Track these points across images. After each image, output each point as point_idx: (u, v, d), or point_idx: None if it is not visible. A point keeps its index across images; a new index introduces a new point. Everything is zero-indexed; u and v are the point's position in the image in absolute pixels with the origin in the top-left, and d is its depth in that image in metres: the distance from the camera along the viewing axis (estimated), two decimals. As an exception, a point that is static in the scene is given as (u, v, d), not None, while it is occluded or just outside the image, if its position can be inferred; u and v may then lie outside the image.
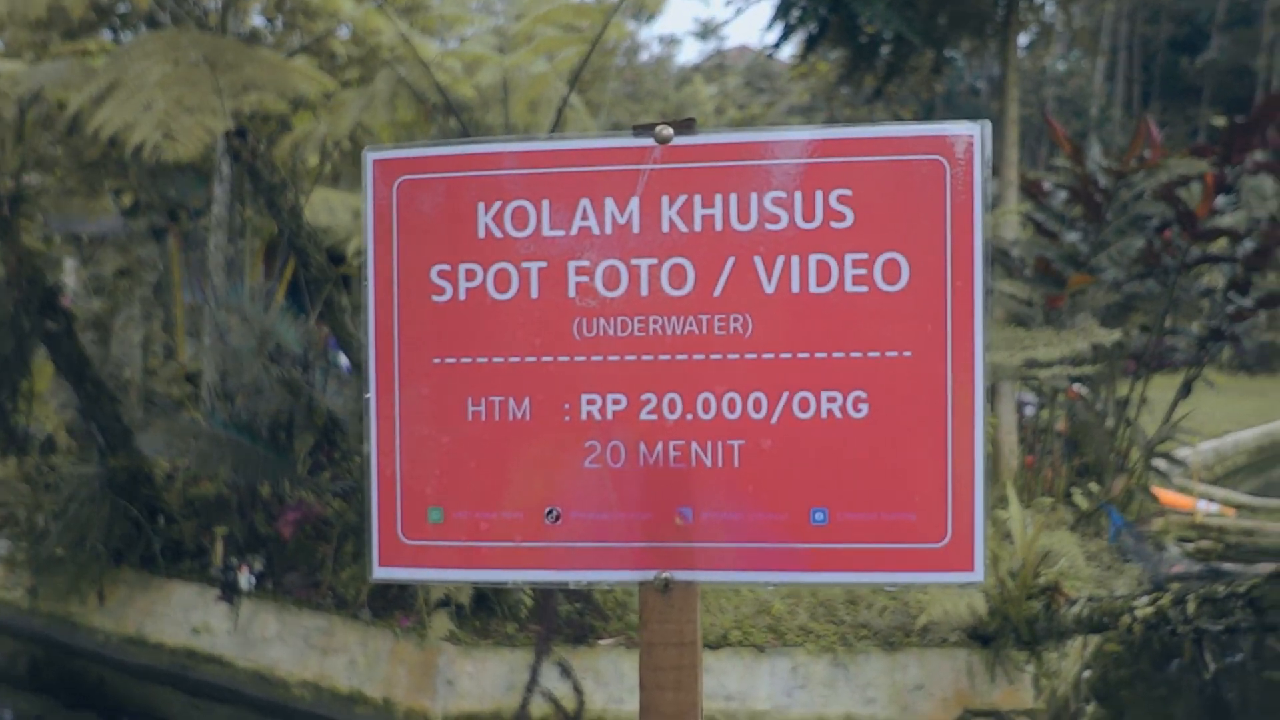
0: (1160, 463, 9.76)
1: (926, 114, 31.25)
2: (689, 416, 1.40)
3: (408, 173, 1.48)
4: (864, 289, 1.37)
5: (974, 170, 1.35)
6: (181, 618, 7.17)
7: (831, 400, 1.37)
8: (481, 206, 1.46)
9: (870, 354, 1.37)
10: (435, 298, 1.47)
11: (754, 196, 1.39)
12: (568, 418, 1.43)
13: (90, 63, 9.75)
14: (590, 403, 1.42)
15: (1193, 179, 9.46)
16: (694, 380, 1.40)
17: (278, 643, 6.79)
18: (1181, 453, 10.94)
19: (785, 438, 1.38)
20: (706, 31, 52.32)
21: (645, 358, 1.41)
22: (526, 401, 1.44)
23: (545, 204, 1.44)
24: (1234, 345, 9.88)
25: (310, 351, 8.29)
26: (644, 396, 1.41)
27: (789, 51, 37.81)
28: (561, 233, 1.44)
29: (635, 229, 1.42)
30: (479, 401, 1.45)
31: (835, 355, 1.37)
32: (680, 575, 1.40)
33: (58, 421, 9.46)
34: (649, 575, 1.41)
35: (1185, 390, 9.45)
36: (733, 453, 1.39)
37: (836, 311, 1.37)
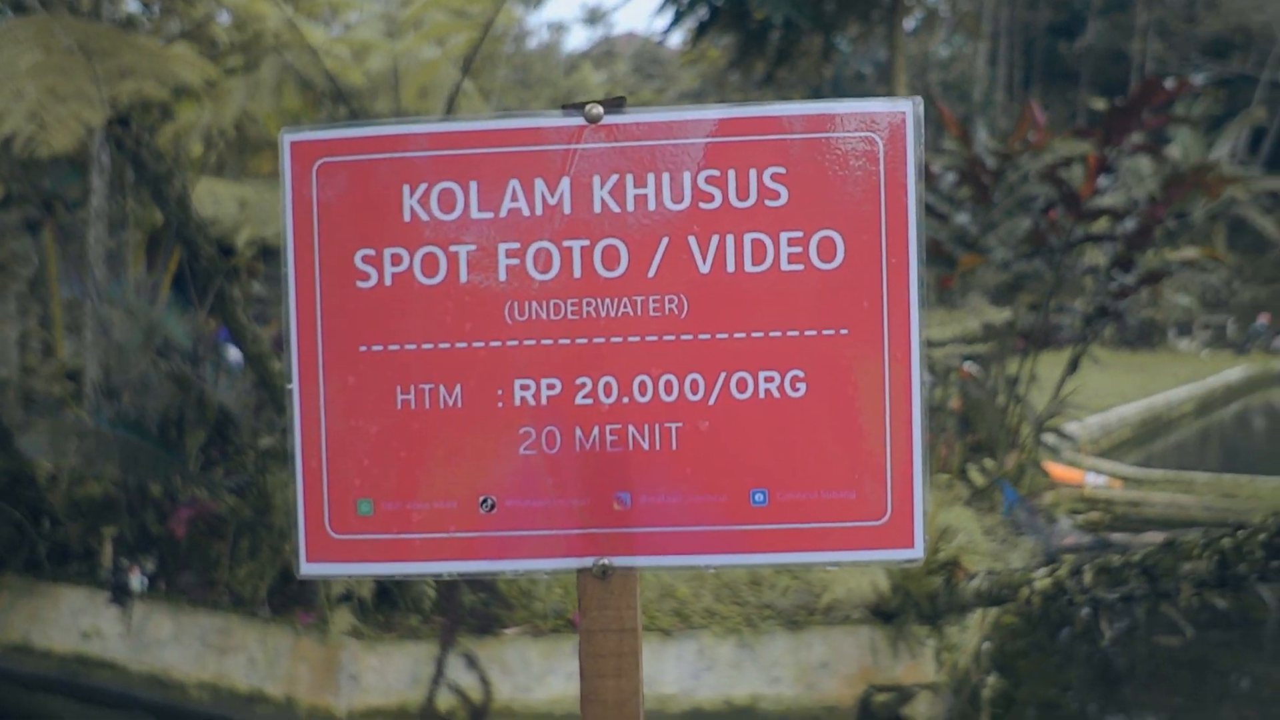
0: (1050, 438, 10.01)
1: (815, 99, 31.51)
2: (625, 400, 1.38)
3: (327, 155, 1.43)
4: (799, 267, 1.36)
5: (907, 147, 1.35)
6: (70, 623, 6.96)
7: (769, 380, 1.36)
8: (406, 189, 1.42)
9: (807, 333, 1.36)
10: (360, 284, 1.43)
11: (687, 175, 1.37)
12: (501, 404, 1.40)
13: (-46, 49, 9.38)
14: (524, 388, 1.39)
15: (1075, 160, 9.70)
16: (629, 363, 1.38)
17: (173, 644, 6.63)
18: (1070, 428, 11.21)
19: (723, 419, 1.37)
20: (594, 18, 52.36)
21: (579, 341, 1.38)
22: (458, 388, 1.40)
23: (473, 185, 1.40)
24: (1117, 322, 10.16)
25: (199, 345, 8.11)
26: (579, 380, 1.38)
27: (678, 38, 37.91)
28: (490, 214, 1.40)
29: (566, 210, 1.39)
30: (408, 389, 1.41)
31: (772, 334, 1.36)
32: (619, 561, 1.38)
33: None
34: (587, 562, 1.38)
35: (1072, 367, 9.69)
36: (670, 435, 1.37)
37: (772, 290, 1.36)
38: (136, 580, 6.85)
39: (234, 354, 8.81)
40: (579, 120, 1.38)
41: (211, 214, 12.39)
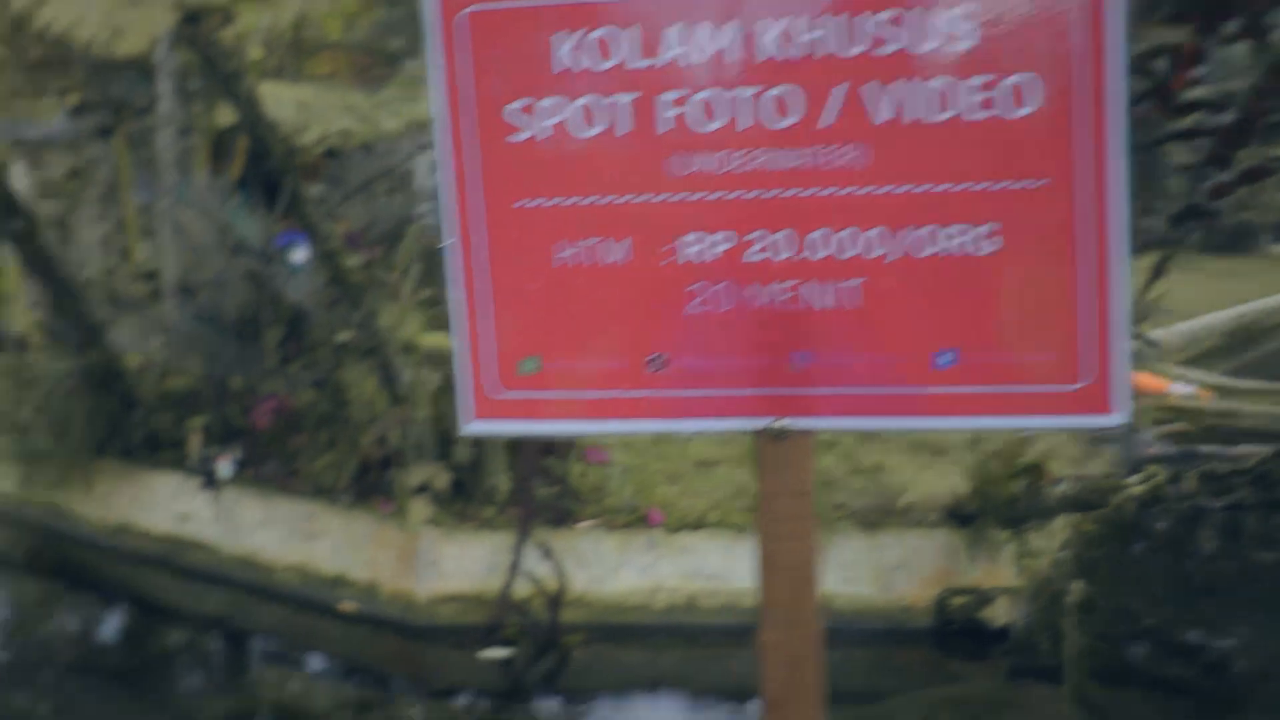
0: (1134, 344, 9.80)
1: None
2: (801, 256, 1.30)
3: (475, 3, 1.36)
4: (990, 114, 1.26)
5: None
6: (166, 506, 7.15)
7: (961, 234, 1.28)
8: (559, 37, 1.34)
9: (1000, 184, 1.27)
10: (510, 138, 1.36)
11: (864, 17, 1.28)
12: (665, 260, 1.33)
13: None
14: (692, 243, 1.32)
15: (1163, 51, 9.38)
16: (804, 217, 1.30)
17: (261, 529, 6.77)
18: (1155, 334, 10.94)
19: (907, 276, 1.29)
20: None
21: (748, 195, 1.31)
22: (619, 244, 1.34)
23: (630, 32, 1.32)
24: (1211, 222, 9.88)
25: (269, 244, 8.13)
26: (749, 236, 1.31)
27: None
28: (649, 63, 1.32)
29: (731, 57, 1.31)
30: (567, 246, 1.35)
31: (961, 187, 1.27)
32: (797, 423, 1.32)
33: (28, 320, 9.30)
34: (764, 423, 1.32)
35: (1157, 271, 9.43)
36: (850, 293, 1.30)
37: (961, 139, 1.27)
38: (224, 468, 6.97)
39: (299, 254, 8.83)
40: (746, -40, 1.29)
41: (273, 116, 12.37)
